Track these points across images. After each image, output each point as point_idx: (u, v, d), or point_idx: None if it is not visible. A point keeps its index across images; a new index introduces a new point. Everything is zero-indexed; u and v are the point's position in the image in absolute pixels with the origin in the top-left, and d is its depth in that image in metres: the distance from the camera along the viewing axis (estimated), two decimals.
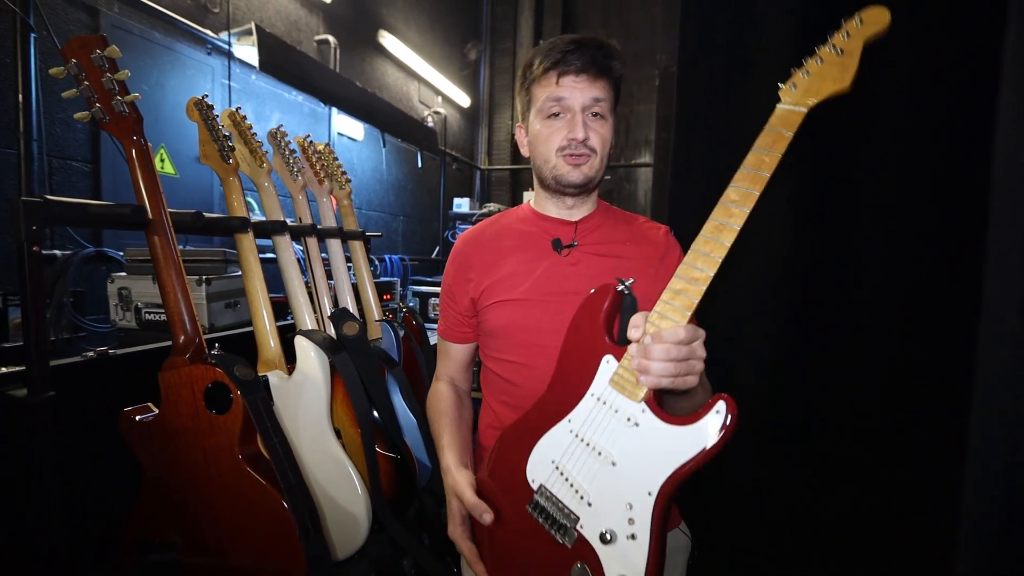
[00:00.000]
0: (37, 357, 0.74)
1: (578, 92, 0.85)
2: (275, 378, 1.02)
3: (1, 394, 0.74)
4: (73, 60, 0.81)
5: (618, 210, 1.02)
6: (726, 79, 1.49)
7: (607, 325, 0.73)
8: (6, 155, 1.62)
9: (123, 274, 1.47)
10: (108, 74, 0.82)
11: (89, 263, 1.79)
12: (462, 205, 4.37)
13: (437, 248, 4.55)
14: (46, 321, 1.66)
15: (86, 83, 0.82)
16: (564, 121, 0.86)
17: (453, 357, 1.03)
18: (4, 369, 0.76)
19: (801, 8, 1.27)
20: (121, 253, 1.78)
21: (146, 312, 1.41)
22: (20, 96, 1.59)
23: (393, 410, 1.19)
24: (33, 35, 1.59)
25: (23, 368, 0.75)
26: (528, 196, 4.72)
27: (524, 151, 0.97)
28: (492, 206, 4.36)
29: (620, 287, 0.73)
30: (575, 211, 0.96)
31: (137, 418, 0.83)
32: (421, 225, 4.34)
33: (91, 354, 0.91)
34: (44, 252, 1.51)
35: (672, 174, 1.67)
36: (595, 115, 0.87)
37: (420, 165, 4.12)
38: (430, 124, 4.26)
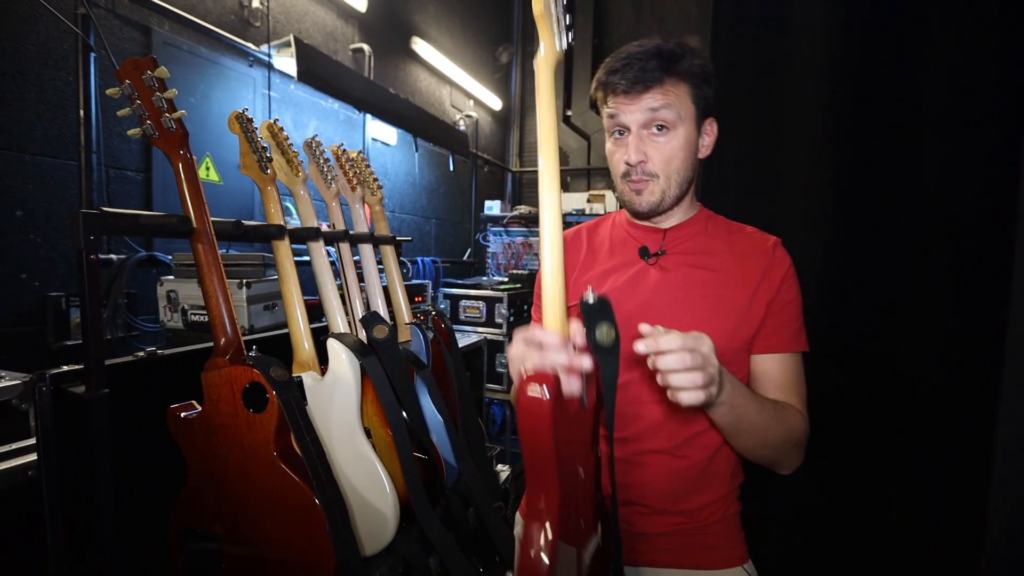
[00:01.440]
0: (94, 357, 0.80)
1: (629, 110, 0.81)
2: (309, 379, 1.06)
3: (63, 391, 0.81)
4: (127, 81, 0.87)
5: (723, 219, 0.95)
6: (760, 73, 1.46)
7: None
8: (69, 166, 1.74)
9: (171, 277, 1.56)
10: (158, 93, 0.88)
11: (141, 266, 1.90)
12: (493, 207, 4.40)
13: (469, 250, 4.60)
14: (102, 322, 1.77)
15: (138, 102, 0.88)
16: (624, 141, 0.84)
17: None
18: (65, 367, 0.83)
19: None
20: (170, 257, 1.89)
21: (192, 313, 1.49)
22: (81, 112, 1.71)
23: (421, 411, 1.22)
24: (93, 55, 1.71)
25: (81, 367, 0.82)
26: (566, 198, 4.65)
27: None
28: (523, 208, 4.38)
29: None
30: (665, 219, 0.91)
31: (182, 414, 0.88)
32: (453, 227, 4.40)
33: (142, 354, 0.97)
34: (101, 256, 1.61)
35: (704, 169, 1.65)
36: (660, 128, 0.80)
37: (452, 168, 4.18)
38: (462, 128, 4.31)
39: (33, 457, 0.91)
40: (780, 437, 0.77)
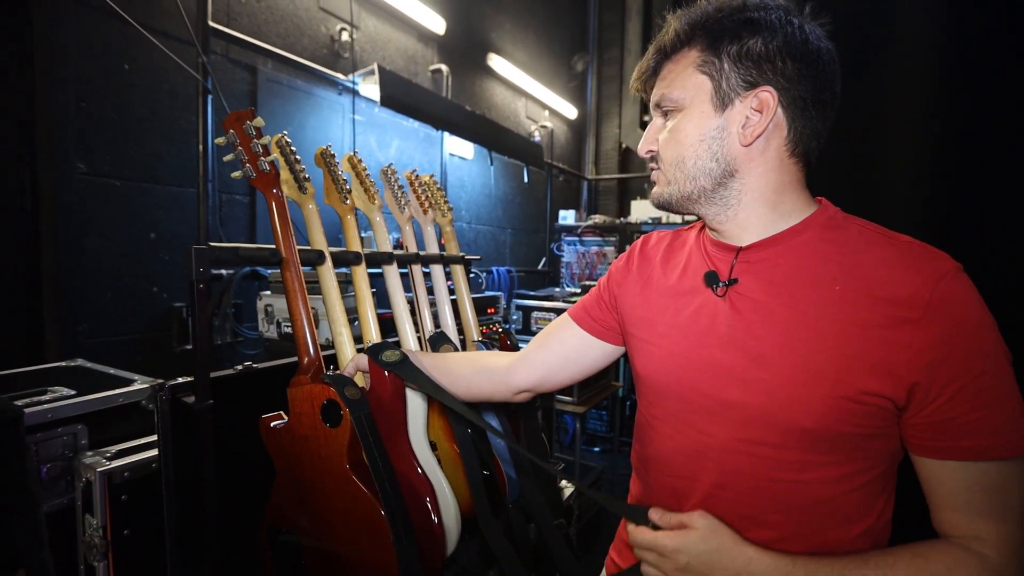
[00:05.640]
0: (202, 372, 0.93)
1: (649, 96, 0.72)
2: None
3: (178, 400, 0.94)
4: (231, 131, 1.00)
5: (861, 226, 0.65)
6: (853, 64, 1.36)
7: None
8: (189, 194, 2.01)
9: (268, 292, 1.74)
10: (255, 140, 1.00)
11: (246, 280, 2.14)
12: (567, 217, 4.41)
13: (544, 259, 4.64)
14: (213, 330, 2.01)
15: (239, 148, 1.00)
16: None
17: (548, 336, 0.92)
18: (180, 379, 0.97)
19: None
20: (269, 272, 2.10)
21: (284, 326, 1.65)
22: (200, 146, 1.96)
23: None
24: (210, 96, 1.96)
25: (193, 379, 0.95)
26: (636, 205, 4.54)
27: None
28: (598, 218, 4.34)
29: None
30: (740, 231, 0.69)
31: (272, 424, 0.99)
32: (528, 237, 4.47)
33: (240, 367, 1.11)
34: (212, 271, 1.83)
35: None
36: (665, 112, 0.69)
37: (527, 180, 4.25)
38: (536, 139, 4.36)
39: (156, 452, 1.07)
40: None
